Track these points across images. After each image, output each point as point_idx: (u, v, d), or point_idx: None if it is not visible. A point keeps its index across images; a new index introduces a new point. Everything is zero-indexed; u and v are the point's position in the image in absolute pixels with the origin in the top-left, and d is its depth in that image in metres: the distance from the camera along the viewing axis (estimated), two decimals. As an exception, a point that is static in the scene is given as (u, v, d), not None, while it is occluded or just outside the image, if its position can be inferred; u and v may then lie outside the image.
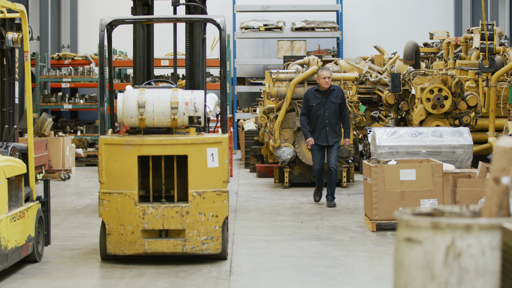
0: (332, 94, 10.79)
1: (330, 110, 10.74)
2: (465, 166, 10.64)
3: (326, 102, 10.78)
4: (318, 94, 10.83)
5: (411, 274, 3.49)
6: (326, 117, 10.73)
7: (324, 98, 10.80)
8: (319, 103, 10.79)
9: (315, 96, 10.83)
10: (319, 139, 10.79)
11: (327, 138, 10.76)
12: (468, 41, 15.81)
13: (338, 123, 10.84)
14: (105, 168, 7.14)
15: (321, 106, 10.78)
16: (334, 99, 10.77)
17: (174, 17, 7.98)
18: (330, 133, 10.77)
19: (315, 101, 10.80)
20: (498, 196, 3.58)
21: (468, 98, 13.03)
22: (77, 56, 21.15)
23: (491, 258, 3.37)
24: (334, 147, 10.81)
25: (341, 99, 10.80)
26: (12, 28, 7.43)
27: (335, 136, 10.81)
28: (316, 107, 10.79)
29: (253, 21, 22.73)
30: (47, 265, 7.23)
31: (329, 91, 10.81)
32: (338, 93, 10.81)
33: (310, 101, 10.82)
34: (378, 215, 8.72)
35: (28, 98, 7.43)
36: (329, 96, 10.78)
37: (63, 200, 12.23)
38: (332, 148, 10.81)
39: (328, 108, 10.75)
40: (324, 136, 10.77)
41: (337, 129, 10.81)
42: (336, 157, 10.84)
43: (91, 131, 19.84)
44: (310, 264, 7.22)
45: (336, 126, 10.80)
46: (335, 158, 10.81)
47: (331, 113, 10.74)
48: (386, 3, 24.44)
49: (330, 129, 10.76)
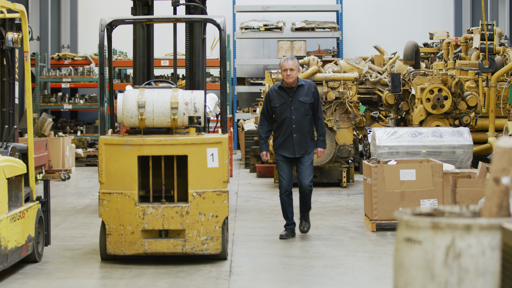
0: (300, 91, 8.51)
1: (299, 112, 8.47)
2: (465, 166, 10.64)
3: (292, 101, 8.48)
4: (282, 92, 8.53)
5: (411, 274, 3.49)
6: (294, 121, 8.45)
7: (290, 97, 8.49)
8: (283, 103, 8.50)
9: (279, 95, 8.54)
10: (284, 150, 8.50)
11: (294, 148, 8.47)
12: (468, 41, 15.81)
13: (311, 128, 8.61)
14: (105, 168, 7.14)
15: (286, 107, 8.48)
16: (303, 97, 8.49)
17: (174, 17, 7.98)
18: (299, 141, 8.46)
19: (279, 101, 8.52)
20: (498, 196, 3.58)
21: (468, 98, 13.03)
22: (77, 56, 21.15)
23: (491, 258, 3.37)
24: (306, 160, 8.52)
25: (313, 97, 8.51)
26: (12, 28, 7.43)
27: (307, 145, 8.50)
28: (280, 108, 8.50)
29: (253, 21, 22.73)
30: (47, 265, 7.23)
31: (296, 87, 8.51)
32: (309, 89, 8.51)
33: (272, 102, 8.55)
34: (378, 215, 8.72)
35: (28, 98, 7.43)
36: (296, 94, 8.50)
37: (63, 200, 12.23)
38: (303, 161, 8.51)
39: (296, 109, 8.47)
40: (290, 145, 8.47)
41: (310, 137, 8.55)
42: (311, 174, 8.52)
43: (91, 131, 19.83)
44: (310, 264, 7.21)
45: (308, 132, 8.52)
46: (310, 175, 8.50)
47: (299, 116, 8.47)
48: (386, 3, 24.44)
49: (299, 136, 8.46)
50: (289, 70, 8.42)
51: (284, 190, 8.50)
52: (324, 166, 13.40)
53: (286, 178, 8.49)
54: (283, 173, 8.50)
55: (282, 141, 8.48)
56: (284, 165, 8.52)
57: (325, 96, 13.09)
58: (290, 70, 8.43)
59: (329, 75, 13.18)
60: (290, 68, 8.43)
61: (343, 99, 13.15)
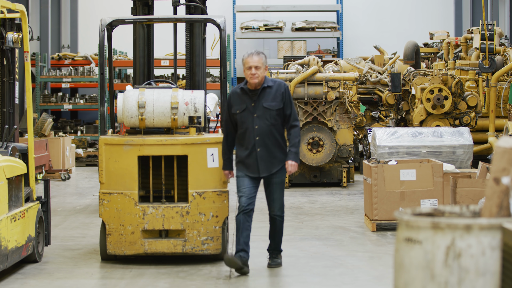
0: (265, 95, 6.76)
1: (263, 121, 6.73)
2: (465, 166, 10.64)
3: (255, 107, 6.74)
4: (244, 96, 6.80)
5: (411, 274, 3.48)
6: (257, 132, 6.73)
7: (253, 102, 6.76)
8: (244, 110, 6.76)
9: (240, 99, 6.80)
10: (246, 167, 6.81)
11: (257, 166, 6.77)
12: (468, 41, 15.80)
13: (280, 140, 6.82)
14: (105, 168, 7.14)
15: (248, 115, 6.74)
16: (268, 102, 6.74)
17: (174, 17, 7.98)
18: (264, 157, 6.75)
19: (239, 106, 6.77)
20: (498, 196, 3.57)
21: (468, 98, 13.03)
22: (77, 56, 21.14)
23: (491, 258, 3.37)
24: (276, 181, 6.84)
25: (282, 101, 6.76)
26: (12, 28, 7.43)
27: (274, 162, 6.79)
28: (240, 116, 6.76)
29: (253, 21, 22.72)
30: (47, 265, 7.23)
31: (260, 90, 6.77)
32: (277, 91, 6.78)
33: (232, 107, 6.82)
34: (378, 215, 8.72)
35: (28, 98, 7.43)
36: (260, 98, 6.75)
37: (63, 200, 12.23)
38: (272, 182, 6.84)
39: (259, 117, 6.73)
40: (253, 162, 6.77)
41: (280, 151, 6.80)
42: (281, 198, 6.90)
43: (91, 131, 19.83)
44: (310, 264, 7.21)
45: (275, 146, 6.78)
46: (280, 200, 6.90)
47: (264, 125, 6.72)
48: (386, 3, 24.43)
49: (264, 151, 6.75)
50: (254, 68, 6.69)
51: (242, 209, 6.78)
52: (324, 166, 13.40)
53: (247, 194, 6.78)
54: (243, 188, 6.80)
55: (243, 157, 6.79)
56: (245, 180, 6.81)
57: (325, 96, 13.09)
58: (255, 68, 6.69)
59: (329, 75, 13.17)
60: (255, 65, 6.69)
61: (343, 99, 13.15)
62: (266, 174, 6.81)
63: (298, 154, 6.82)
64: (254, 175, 6.80)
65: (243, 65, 6.79)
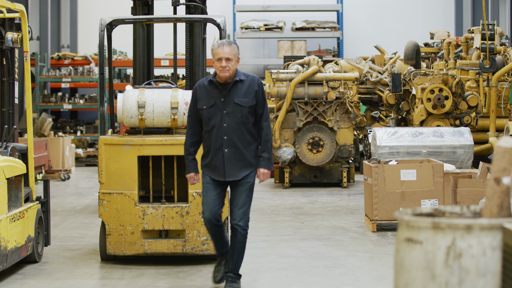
0: (237, 90, 6.06)
1: (233, 118, 6.03)
2: (465, 166, 10.63)
3: (225, 103, 6.04)
4: (212, 89, 6.08)
5: (412, 274, 3.48)
6: (225, 131, 6.02)
7: (223, 97, 6.05)
8: (212, 105, 6.05)
9: (208, 93, 6.08)
10: (212, 170, 6.08)
11: (224, 168, 6.04)
12: (469, 41, 15.79)
13: (251, 141, 6.10)
14: (105, 169, 7.13)
15: (217, 111, 6.04)
16: (240, 98, 6.05)
17: (174, 17, 7.97)
18: (232, 160, 6.05)
19: (207, 101, 6.06)
20: (499, 196, 3.57)
21: (468, 98, 13.02)
22: (77, 56, 21.14)
23: (492, 259, 3.36)
24: (242, 186, 6.09)
25: (255, 97, 6.07)
26: (12, 28, 7.42)
27: (243, 166, 6.08)
28: (208, 112, 6.05)
29: (253, 21, 22.72)
30: (47, 266, 7.22)
31: (231, 84, 6.07)
32: (250, 87, 6.08)
33: (199, 102, 6.10)
34: (378, 216, 8.71)
35: (27, 98, 7.42)
36: (231, 93, 6.05)
37: (62, 200, 12.22)
38: (238, 189, 6.09)
39: (229, 114, 6.03)
40: (219, 164, 6.04)
41: (249, 153, 6.09)
42: (246, 206, 6.07)
43: (91, 131, 19.83)
44: (310, 264, 7.20)
45: (246, 147, 6.07)
46: (245, 210, 6.06)
47: (234, 124, 6.02)
48: (386, 3, 24.43)
49: (233, 152, 6.04)
50: (225, 60, 5.97)
51: (208, 223, 6.06)
52: (324, 166, 13.39)
53: (211, 207, 6.03)
54: (207, 199, 6.05)
55: (209, 158, 6.07)
56: (210, 189, 6.07)
57: (325, 96, 13.08)
58: (227, 60, 5.98)
59: (330, 75, 13.16)
60: (226, 57, 5.98)
61: (344, 99, 13.14)
62: (233, 178, 6.05)
63: (271, 160, 6.12)
64: (220, 179, 6.07)
65: (212, 57, 6.05)
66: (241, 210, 6.02)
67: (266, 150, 6.10)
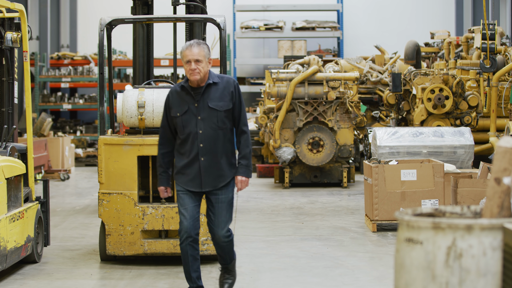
0: (211, 93, 5.71)
1: (208, 124, 5.67)
2: (466, 166, 10.62)
3: (199, 108, 5.68)
4: (185, 95, 5.72)
5: (412, 274, 3.47)
6: (201, 138, 5.66)
7: (196, 102, 5.69)
8: (186, 112, 5.68)
9: (181, 99, 5.73)
10: (187, 180, 5.72)
11: (200, 178, 5.68)
12: (469, 41, 15.78)
13: (229, 147, 5.77)
14: (104, 169, 7.12)
15: (191, 118, 5.67)
16: (215, 101, 5.69)
17: (174, 16, 7.96)
18: (209, 169, 5.68)
19: (180, 108, 5.70)
20: (499, 197, 3.56)
21: (469, 98, 13.01)
22: (76, 55, 21.14)
23: (492, 259, 3.36)
24: (221, 198, 5.74)
25: (231, 100, 5.73)
26: (11, 27, 7.41)
27: (221, 175, 5.73)
28: (182, 119, 5.69)
29: (253, 20, 22.72)
30: (47, 266, 7.22)
31: (204, 87, 5.71)
32: (225, 89, 5.73)
33: (172, 109, 5.75)
34: (378, 216, 8.70)
35: (27, 98, 7.41)
36: (205, 97, 5.69)
37: (62, 200, 12.21)
38: (217, 199, 5.74)
39: (204, 120, 5.67)
40: (195, 174, 5.68)
41: (227, 162, 5.75)
42: (228, 219, 5.79)
43: (90, 131, 19.82)
44: (310, 264, 7.19)
45: (223, 155, 5.72)
46: (226, 221, 5.78)
47: (210, 130, 5.67)
48: (387, 3, 24.42)
49: (209, 160, 5.68)
50: (194, 63, 5.61)
51: (186, 236, 5.66)
52: (324, 166, 13.38)
53: (189, 217, 5.67)
54: (185, 209, 5.69)
55: (184, 168, 5.70)
56: (186, 198, 5.71)
57: (325, 96, 13.07)
58: (196, 62, 5.61)
59: (330, 75, 13.15)
60: (195, 59, 5.61)
61: (344, 99, 13.13)
62: (210, 188, 5.70)
63: (250, 167, 5.74)
64: (196, 189, 5.69)
65: (181, 59, 5.68)
66: (221, 227, 5.76)
67: (245, 157, 5.74)
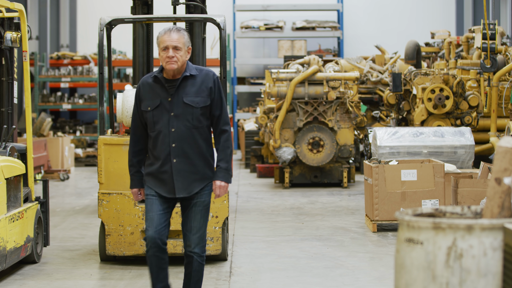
0: (187, 86, 5.11)
1: (183, 121, 5.07)
2: (466, 167, 10.61)
3: (173, 103, 5.08)
4: (158, 87, 5.14)
5: (412, 275, 3.46)
6: (173, 137, 5.06)
7: (169, 95, 5.09)
8: (158, 106, 5.09)
9: (153, 91, 5.14)
10: (158, 183, 5.11)
11: (172, 182, 5.08)
12: (470, 41, 15.78)
13: (205, 149, 5.16)
14: (104, 169, 7.11)
15: (163, 113, 5.08)
16: (191, 96, 5.08)
17: (174, 16, 7.95)
18: (181, 171, 5.08)
19: (151, 102, 5.11)
20: (500, 197, 3.55)
21: (469, 98, 13.00)
22: (76, 55, 21.14)
23: (493, 259, 3.35)
24: (196, 206, 5.14)
25: (209, 96, 5.12)
26: (11, 27, 7.40)
27: (196, 179, 5.12)
28: (152, 114, 5.09)
29: (253, 20, 22.72)
30: (46, 266, 7.21)
31: (180, 79, 5.11)
32: (204, 83, 5.12)
33: (142, 102, 5.15)
34: (379, 216, 8.69)
35: (27, 98, 7.40)
36: (180, 91, 5.10)
37: (62, 200, 12.20)
38: (191, 205, 5.15)
39: (178, 116, 5.07)
40: (167, 178, 5.08)
41: (201, 163, 5.13)
42: (202, 230, 5.16)
43: (90, 131, 19.82)
44: (310, 265, 7.18)
45: (198, 156, 5.11)
46: (201, 233, 5.16)
47: (184, 128, 5.06)
48: (387, 3, 24.43)
49: (183, 163, 5.07)
50: (172, 49, 5.06)
51: (151, 245, 5.05)
52: (325, 166, 13.37)
53: (156, 226, 5.04)
54: (151, 214, 5.08)
55: (154, 170, 5.11)
56: (155, 202, 5.10)
57: (326, 95, 13.06)
58: (174, 49, 5.06)
59: (330, 75, 13.15)
60: (174, 46, 5.06)
61: (344, 99, 13.12)
62: (184, 194, 5.09)
63: (229, 171, 5.16)
64: (168, 195, 5.09)
65: (158, 46, 5.14)
66: (196, 235, 5.11)
67: (224, 159, 5.14)
